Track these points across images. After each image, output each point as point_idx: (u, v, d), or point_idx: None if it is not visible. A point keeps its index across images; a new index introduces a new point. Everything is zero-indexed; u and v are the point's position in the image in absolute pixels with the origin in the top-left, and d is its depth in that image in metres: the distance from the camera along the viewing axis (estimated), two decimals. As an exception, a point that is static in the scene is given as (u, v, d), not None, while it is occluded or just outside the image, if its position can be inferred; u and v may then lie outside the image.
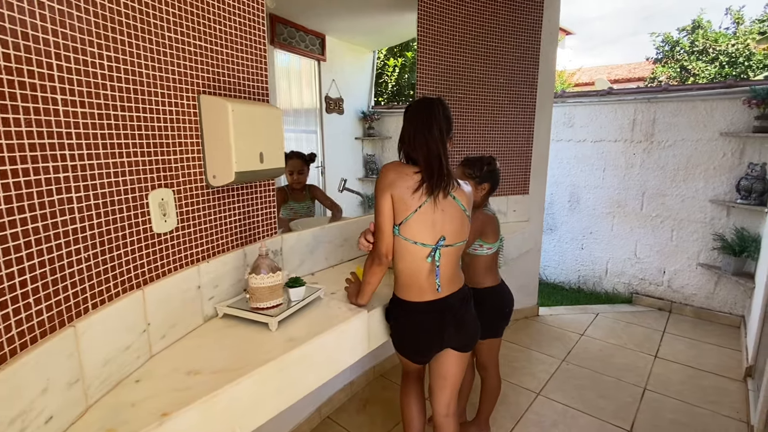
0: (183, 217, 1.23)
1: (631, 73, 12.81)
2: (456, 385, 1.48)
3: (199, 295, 1.29)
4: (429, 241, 1.29)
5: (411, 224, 1.27)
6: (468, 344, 1.45)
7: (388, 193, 1.27)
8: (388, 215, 1.28)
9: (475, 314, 1.46)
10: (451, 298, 1.37)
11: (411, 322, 1.39)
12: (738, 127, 3.01)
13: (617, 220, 3.67)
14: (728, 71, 8.98)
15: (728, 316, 3.19)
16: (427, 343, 1.41)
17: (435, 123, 1.27)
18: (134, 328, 1.05)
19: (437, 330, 1.37)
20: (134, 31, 1.03)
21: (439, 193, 1.27)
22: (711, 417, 2.13)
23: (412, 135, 1.29)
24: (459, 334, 1.40)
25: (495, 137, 2.80)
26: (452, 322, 1.37)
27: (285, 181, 2.16)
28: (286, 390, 1.15)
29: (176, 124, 1.18)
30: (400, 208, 1.27)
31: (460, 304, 1.39)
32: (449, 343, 1.42)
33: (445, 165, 1.28)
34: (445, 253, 1.32)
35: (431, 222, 1.28)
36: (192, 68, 1.22)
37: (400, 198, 1.26)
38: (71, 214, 0.88)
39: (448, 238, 1.31)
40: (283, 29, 2.36)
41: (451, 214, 1.31)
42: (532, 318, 3.30)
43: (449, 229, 1.31)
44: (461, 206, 1.33)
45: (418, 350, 1.44)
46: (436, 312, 1.35)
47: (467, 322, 1.42)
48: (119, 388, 0.99)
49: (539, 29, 2.82)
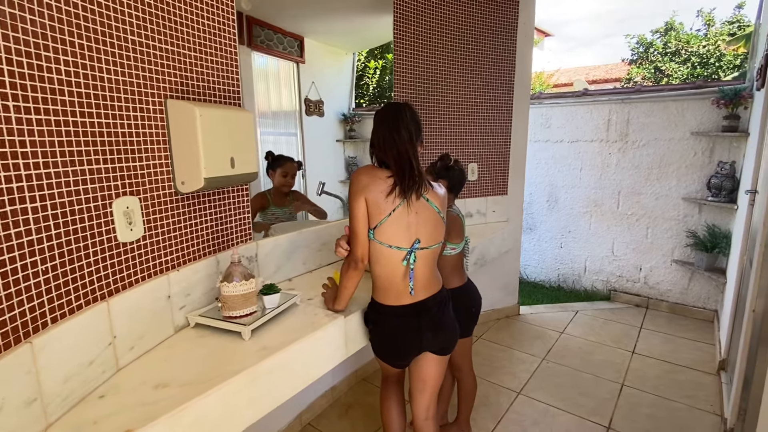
0: (151, 225, 1.20)
1: (608, 74, 13.09)
2: (435, 388, 1.48)
3: (169, 305, 1.26)
4: (404, 245, 1.29)
5: (385, 228, 1.27)
6: (447, 347, 1.45)
7: (362, 196, 1.26)
8: (363, 219, 1.27)
9: (453, 317, 1.46)
10: (429, 302, 1.37)
11: (389, 326, 1.38)
12: (708, 126, 3.09)
13: (594, 219, 3.74)
14: (700, 72, 9.25)
15: (702, 310, 3.28)
16: (405, 347, 1.40)
17: (403, 126, 1.27)
18: (98, 342, 1.02)
19: (415, 334, 1.37)
20: (93, 34, 1.00)
21: (412, 194, 1.28)
22: (686, 411, 2.18)
23: (382, 139, 1.29)
24: (437, 337, 1.40)
25: (473, 139, 2.82)
26: (430, 325, 1.37)
27: (264, 186, 2.14)
28: (259, 400, 1.12)
29: (142, 130, 1.15)
30: (374, 212, 1.27)
31: (438, 307, 1.39)
32: (428, 346, 1.41)
33: (416, 167, 1.28)
34: (420, 255, 1.32)
35: (406, 225, 1.28)
36: (158, 72, 1.19)
37: (374, 202, 1.26)
38: (26, 226, 0.85)
39: (423, 240, 1.31)
40: (260, 31, 2.33)
41: (425, 216, 1.31)
42: (513, 317, 3.33)
43: (424, 231, 1.31)
44: (435, 208, 1.33)
45: (397, 354, 1.44)
46: (414, 315, 1.35)
47: (445, 325, 1.41)
48: (82, 405, 0.95)
49: (515, 31, 2.86)
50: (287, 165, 2.16)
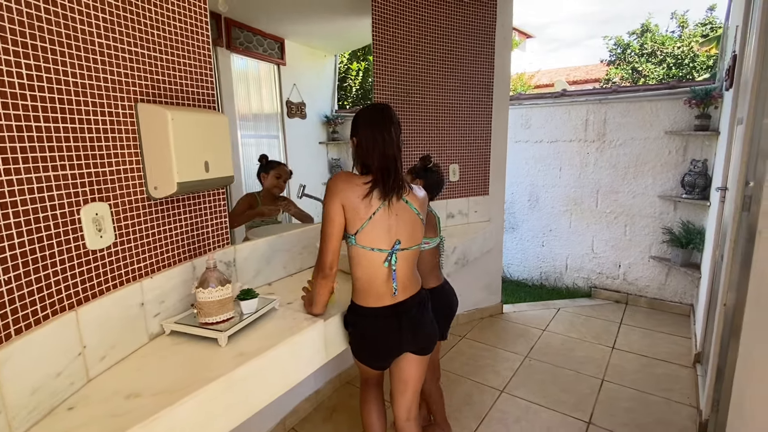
0: (122, 231, 1.17)
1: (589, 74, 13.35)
2: (416, 389, 1.48)
3: (142, 313, 1.23)
4: (385, 246, 1.30)
5: (367, 231, 1.27)
6: (426, 347, 1.45)
7: (338, 201, 1.26)
8: (337, 224, 1.27)
9: (432, 317, 1.47)
10: (408, 302, 1.37)
11: (368, 328, 1.38)
12: (681, 125, 3.18)
13: (574, 218, 3.80)
14: (675, 72, 9.50)
15: (679, 305, 3.36)
16: (384, 348, 1.41)
17: (390, 128, 1.29)
18: (67, 352, 0.99)
19: (395, 335, 1.37)
20: (57, 37, 0.97)
21: (393, 197, 1.28)
22: (664, 404, 2.23)
23: (370, 140, 1.29)
24: (416, 337, 1.40)
25: (454, 140, 2.84)
26: (409, 326, 1.37)
27: (246, 190, 2.11)
28: (235, 408, 1.11)
29: (111, 135, 1.13)
30: (354, 218, 1.27)
31: (417, 308, 1.40)
32: (407, 347, 1.42)
33: (399, 169, 1.30)
34: (401, 256, 1.33)
35: (386, 227, 1.29)
36: (128, 75, 1.17)
37: (352, 207, 1.26)
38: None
39: (403, 241, 1.32)
40: (239, 33, 2.30)
41: (405, 218, 1.32)
42: (496, 316, 3.36)
43: (404, 232, 1.32)
44: (414, 210, 1.34)
45: (377, 356, 1.44)
46: (393, 317, 1.35)
47: (424, 325, 1.42)
48: (50, 418, 0.93)
49: (493, 33, 2.89)
50: (281, 168, 2.19)
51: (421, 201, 1.38)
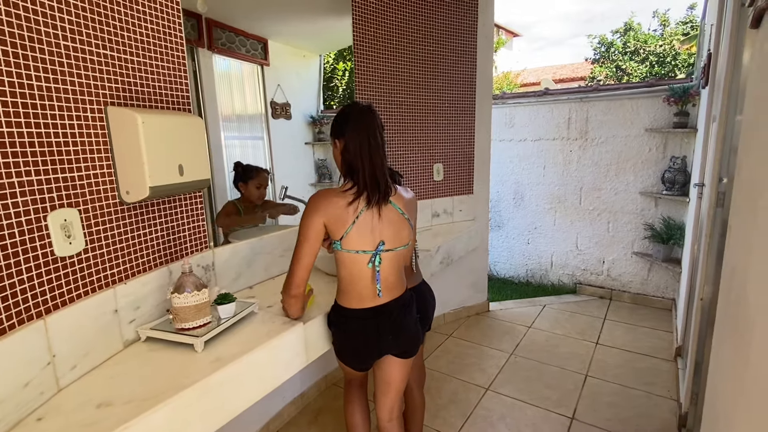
0: (93, 237, 1.15)
1: (574, 72, 13.50)
2: (399, 390, 1.48)
3: (116, 320, 1.21)
4: (369, 248, 1.30)
5: (351, 236, 1.27)
6: (408, 350, 1.44)
7: (318, 218, 1.25)
8: (312, 244, 1.27)
9: (416, 320, 1.46)
10: (391, 305, 1.37)
11: (350, 329, 1.38)
12: (660, 123, 3.22)
13: (559, 215, 3.84)
14: (657, 70, 9.65)
15: (661, 300, 3.41)
16: (365, 350, 1.40)
17: (377, 134, 1.29)
18: (35, 362, 0.97)
19: (375, 337, 1.37)
20: (20, 40, 0.95)
21: (380, 202, 1.29)
22: (645, 398, 2.26)
23: (358, 146, 1.27)
24: (397, 340, 1.40)
25: (437, 140, 2.85)
26: (390, 329, 1.37)
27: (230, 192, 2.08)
28: (211, 414, 1.10)
29: (80, 139, 1.10)
30: (338, 227, 1.27)
31: (400, 310, 1.39)
32: (389, 350, 1.41)
33: (387, 174, 1.30)
34: (385, 257, 1.32)
35: (370, 229, 1.29)
36: (96, 78, 1.15)
37: (335, 218, 1.26)
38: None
39: (387, 242, 1.32)
40: (221, 34, 2.28)
41: (389, 218, 1.32)
42: (482, 314, 3.38)
43: (387, 233, 1.32)
44: (399, 210, 1.34)
45: (357, 357, 1.44)
46: (374, 318, 1.35)
47: (406, 328, 1.41)
48: (18, 429, 0.91)
49: (475, 33, 2.90)
50: (261, 176, 2.09)
51: (406, 201, 1.38)
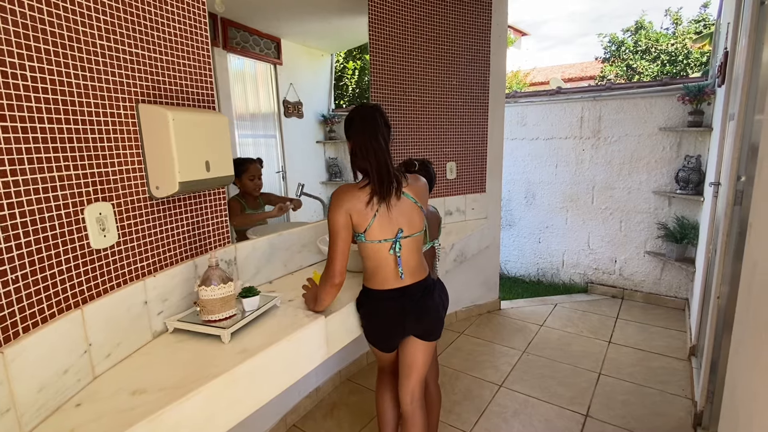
0: (125, 230, 1.18)
1: (584, 72, 13.41)
2: (420, 373, 1.53)
3: (146, 311, 1.25)
4: (389, 236, 1.39)
5: (374, 228, 1.37)
6: (431, 332, 1.50)
7: (344, 211, 1.34)
8: (343, 234, 1.34)
9: (439, 303, 1.52)
10: (413, 288, 1.44)
11: (375, 309, 1.48)
12: (674, 122, 3.21)
13: (570, 214, 3.83)
14: (669, 69, 9.56)
15: (674, 299, 3.40)
16: (391, 328, 1.49)
17: (380, 133, 1.35)
18: (73, 350, 1.01)
19: (398, 316, 1.45)
20: (60, 39, 0.99)
21: (391, 198, 1.36)
22: (659, 396, 2.26)
23: (363, 149, 1.35)
24: (420, 321, 1.46)
25: (450, 138, 2.86)
26: (413, 309, 1.44)
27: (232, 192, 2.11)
28: (240, 403, 1.13)
29: (113, 135, 1.14)
30: (361, 221, 1.36)
31: (422, 293, 1.46)
32: (412, 330, 1.48)
33: (392, 171, 1.36)
34: (404, 244, 1.41)
35: (389, 220, 1.38)
36: (129, 77, 1.18)
37: (357, 213, 1.35)
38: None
39: (405, 229, 1.40)
40: (236, 33, 2.31)
41: (403, 207, 1.41)
42: (494, 312, 3.39)
43: (404, 221, 1.40)
44: (411, 199, 1.42)
45: (383, 336, 1.52)
46: (397, 299, 1.43)
47: (429, 309, 1.47)
48: (58, 414, 0.94)
49: (488, 32, 2.91)
50: (252, 167, 2.10)
51: (417, 189, 1.46)
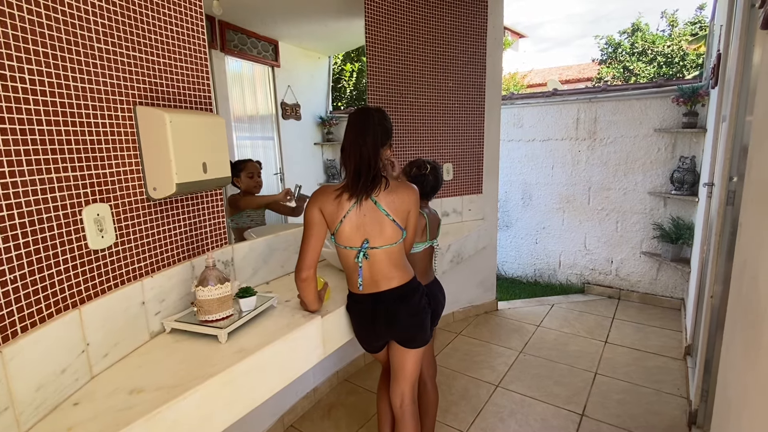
0: (123, 231, 1.20)
1: (581, 73, 13.46)
2: (408, 378, 1.52)
3: (143, 311, 1.26)
4: (356, 245, 1.38)
5: (342, 230, 1.37)
6: (408, 339, 1.48)
7: (316, 207, 1.35)
8: (315, 230, 1.35)
9: (419, 309, 1.47)
10: (386, 294, 1.43)
11: (351, 311, 1.52)
12: (669, 123, 3.24)
13: (567, 215, 3.85)
14: (666, 71, 9.62)
15: (670, 299, 3.42)
16: (362, 331, 1.52)
17: (370, 131, 1.34)
18: (71, 350, 1.02)
19: (369, 321, 1.47)
20: (58, 43, 1.00)
21: (362, 197, 1.34)
22: (655, 395, 2.28)
23: (349, 143, 1.35)
24: (391, 327, 1.46)
25: (447, 140, 2.88)
26: (384, 316, 1.44)
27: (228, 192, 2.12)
28: (236, 402, 1.14)
29: (111, 137, 1.15)
30: (331, 220, 1.37)
31: (395, 300, 1.43)
32: (387, 335, 1.50)
33: (374, 172, 1.34)
34: (372, 254, 1.40)
35: (356, 226, 1.37)
36: (126, 79, 1.19)
37: (329, 212, 1.36)
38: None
39: (372, 240, 1.38)
40: (233, 36, 2.33)
41: (372, 218, 1.37)
42: (491, 313, 3.40)
43: (371, 232, 1.38)
44: (382, 210, 1.37)
45: (360, 338, 1.56)
46: (367, 303, 1.45)
47: (400, 317, 1.44)
48: (57, 413, 0.95)
49: (485, 35, 2.93)
50: (250, 165, 2.14)
51: (394, 199, 1.38)
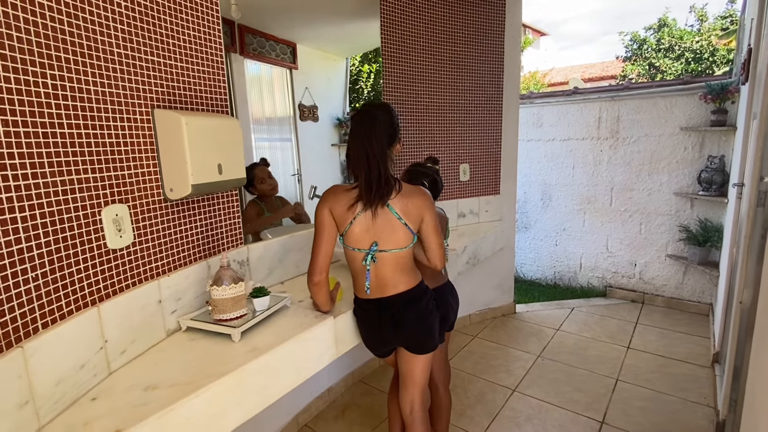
0: (140, 231, 1.23)
1: (605, 71, 13.14)
2: (417, 384, 1.50)
3: (160, 310, 1.29)
4: (364, 247, 1.37)
5: (351, 232, 1.36)
6: (416, 345, 1.46)
7: (327, 208, 1.35)
8: (326, 232, 1.35)
9: (422, 315, 1.44)
10: (393, 299, 1.41)
11: (358, 317, 1.51)
12: (697, 121, 3.12)
13: (588, 216, 3.76)
14: (694, 67, 9.29)
15: (697, 304, 3.29)
16: (368, 337, 1.51)
17: (375, 136, 1.29)
18: (90, 346, 1.05)
19: (375, 326, 1.46)
20: (80, 49, 1.03)
21: (376, 205, 1.32)
22: (680, 403, 2.19)
23: (355, 151, 1.31)
24: (399, 333, 1.44)
25: (464, 140, 2.85)
26: (390, 321, 1.42)
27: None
28: (248, 400, 1.15)
29: (130, 140, 1.18)
30: (341, 222, 1.36)
31: (402, 305, 1.41)
32: (393, 341, 1.48)
33: (384, 178, 1.31)
34: (380, 257, 1.38)
35: (366, 229, 1.35)
36: (145, 83, 1.23)
37: (339, 214, 1.35)
38: (15, 235, 0.88)
39: (381, 243, 1.36)
40: (252, 39, 2.37)
41: (383, 220, 1.35)
42: (509, 315, 3.35)
43: (381, 235, 1.36)
44: (395, 214, 1.35)
45: (367, 343, 1.54)
46: (375, 309, 1.43)
47: (406, 323, 1.42)
48: (75, 407, 0.98)
49: (502, 34, 2.89)
50: (258, 171, 2.13)
51: (407, 204, 1.35)
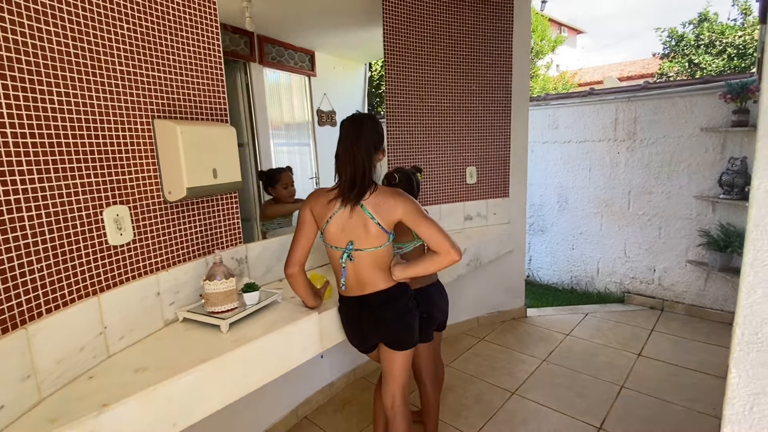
0: (140, 230, 1.36)
1: (645, 69, 12.66)
2: (397, 379, 1.56)
3: (158, 301, 1.41)
4: (341, 245, 1.44)
5: (328, 231, 1.44)
6: (395, 341, 1.51)
7: (308, 209, 1.45)
8: (304, 231, 1.45)
9: (401, 313, 1.49)
10: (372, 297, 1.47)
11: (341, 312, 1.59)
12: (718, 122, 3.00)
13: (605, 219, 3.67)
14: (737, 63, 8.79)
15: (720, 312, 3.15)
16: (350, 332, 1.59)
17: (363, 140, 1.39)
18: (89, 331, 1.18)
19: (357, 323, 1.53)
20: (84, 67, 1.17)
21: (351, 202, 1.39)
22: (685, 413, 2.13)
23: (343, 151, 1.41)
24: (378, 330, 1.50)
25: (470, 142, 2.88)
26: (369, 318, 1.49)
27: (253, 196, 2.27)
28: (229, 387, 1.25)
29: (131, 147, 1.32)
30: (320, 219, 1.45)
31: (381, 303, 1.47)
32: (373, 337, 1.55)
33: (368, 178, 1.39)
34: (357, 256, 1.44)
35: (341, 228, 1.42)
36: (146, 96, 1.36)
37: (318, 213, 1.44)
38: (22, 231, 1.01)
39: (357, 242, 1.42)
40: (271, 49, 2.50)
41: (357, 221, 1.41)
42: (519, 319, 3.33)
43: (356, 234, 1.42)
44: (368, 214, 1.40)
45: (350, 338, 1.61)
46: (356, 306, 1.51)
47: (385, 320, 1.48)
48: (74, 384, 1.11)
49: (509, 38, 2.89)
50: (284, 176, 2.25)
51: (376, 204, 1.40)
